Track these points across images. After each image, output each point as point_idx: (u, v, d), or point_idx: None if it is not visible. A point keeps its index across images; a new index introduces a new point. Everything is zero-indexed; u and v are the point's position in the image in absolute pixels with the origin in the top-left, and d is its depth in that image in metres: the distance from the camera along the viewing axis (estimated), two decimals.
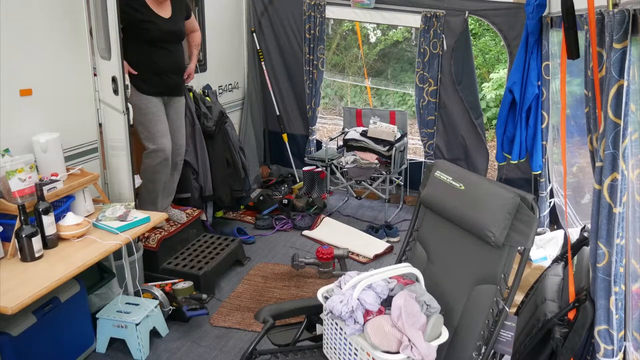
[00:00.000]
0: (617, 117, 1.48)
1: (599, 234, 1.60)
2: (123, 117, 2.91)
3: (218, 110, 3.90)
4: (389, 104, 8.57)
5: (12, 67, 2.49)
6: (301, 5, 4.69)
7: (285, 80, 5.08)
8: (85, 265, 2.24)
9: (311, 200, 4.63)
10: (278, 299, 3.22)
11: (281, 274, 3.53)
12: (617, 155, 1.50)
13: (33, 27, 2.59)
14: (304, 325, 2.05)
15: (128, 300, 2.77)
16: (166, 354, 2.70)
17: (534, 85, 3.28)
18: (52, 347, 2.41)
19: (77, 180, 2.64)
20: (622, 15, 1.41)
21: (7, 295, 1.96)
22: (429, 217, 2.08)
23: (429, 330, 1.67)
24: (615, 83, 1.46)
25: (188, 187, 3.76)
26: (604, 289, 1.62)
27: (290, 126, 5.20)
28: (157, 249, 3.21)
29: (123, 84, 2.84)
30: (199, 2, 4.10)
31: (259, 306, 3.12)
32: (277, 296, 3.27)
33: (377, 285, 1.73)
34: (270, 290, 3.32)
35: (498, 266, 1.75)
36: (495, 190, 1.77)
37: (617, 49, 1.44)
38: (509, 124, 3.54)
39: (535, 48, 3.21)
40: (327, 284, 1.92)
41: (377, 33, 8.61)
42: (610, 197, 1.54)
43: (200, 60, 4.17)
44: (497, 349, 1.73)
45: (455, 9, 4.20)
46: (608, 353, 1.64)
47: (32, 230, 2.22)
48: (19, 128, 2.55)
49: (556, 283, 2.05)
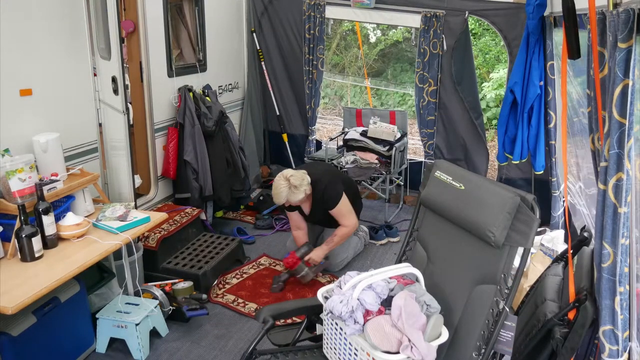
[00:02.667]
0: (622, 116, 1.47)
1: (604, 234, 1.59)
2: (123, 117, 2.91)
3: (218, 110, 3.90)
4: (389, 104, 8.57)
5: (12, 67, 2.49)
6: (301, 5, 4.69)
7: (285, 80, 5.08)
8: (85, 265, 2.24)
9: None
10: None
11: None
12: (622, 155, 1.50)
13: (33, 27, 2.59)
14: (304, 325, 2.05)
15: (128, 300, 2.77)
16: (166, 354, 2.70)
17: (535, 85, 3.27)
18: (52, 347, 2.41)
19: (77, 180, 2.64)
20: (627, 14, 1.41)
21: (7, 295, 1.96)
22: (429, 217, 2.08)
23: (429, 330, 1.67)
24: (620, 82, 1.46)
25: (188, 187, 3.76)
26: (608, 289, 1.62)
27: (290, 126, 5.20)
28: (157, 248, 3.21)
29: (123, 84, 2.84)
30: (199, 2, 4.10)
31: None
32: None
33: (377, 285, 1.73)
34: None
35: (498, 266, 1.75)
36: (495, 190, 1.77)
37: (622, 48, 1.44)
38: (510, 124, 3.53)
39: (537, 48, 3.21)
40: (328, 284, 1.92)
41: (377, 33, 8.61)
42: (615, 197, 1.54)
43: (200, 60, 4.18)
44: (497, 349, 1.73)
45: (455, 9, 4.19)
46: (613, 353, 1.64)
47: (32, 230, 2.22)
48: (19, 128, 2.56)
49: (556, 283, 2.05)
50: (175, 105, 3.80)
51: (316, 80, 4.82)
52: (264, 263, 3.69)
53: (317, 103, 5.00)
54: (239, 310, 3.09)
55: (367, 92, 8.40)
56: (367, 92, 8.39)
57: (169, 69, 3.75)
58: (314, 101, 4.93)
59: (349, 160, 4.38)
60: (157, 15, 3.56)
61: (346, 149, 4.57)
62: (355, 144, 4.51)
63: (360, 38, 7.60)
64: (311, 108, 4.95)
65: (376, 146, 4.39)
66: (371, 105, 7.84)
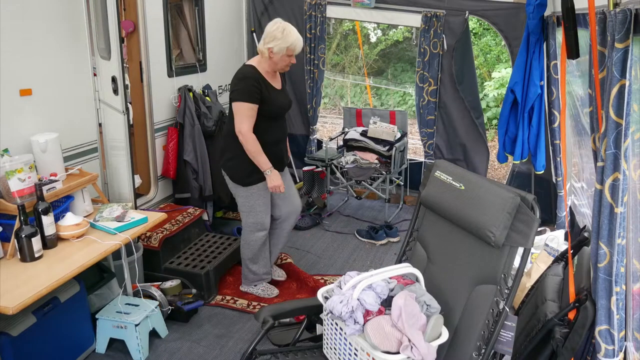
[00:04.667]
0: (619, 116, 1.47)
1: (600, 234, 1.59)
2: (123, 117, 2.91)
3: (218, 110, 3.90)
4: (389, 104, 8.57)
5: (12, 67, 2.49)
6: (302, 5, 4.69)
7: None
8: (85, 266, 2.24)
9: (311, 200, 4.63)
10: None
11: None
12: (618, 155, 1.50)
13: (33, 27, 2.59)
14: (304, 325, 2.05)
15: (128, 300, 2.77)
16: (166, 354, 2.70)
17: (536, 85, 3.27)
18: (51, 347, 2.41)
19: (76, 180, 2.64)
20: (624, 14, 1.41)
21: (7, 296, 1.96)
22: (429, 217, 2.07)
23: (429, 330, 1.67)
24: (617, 83, 1.46)
25: (188, 187, 3.76)
26: (605, 289, 1.62)
27: (291, 126, 5.19)
28: (159, 248, 3.21)
29: (123, 84, 2.84)
30: (199, 2, 4.10)
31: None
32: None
33: (377, 285, 1.73)
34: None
35: (498, 266, 1.75)
36: (495, 190, 1.77)
37: (619, 48, 1.43)
38: (511, 124, 3.53)
39: (537, 48, 3.20)
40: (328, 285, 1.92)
41: (377, 33, 8.61)
42: (612, 197, 1.54)
43: (200, 60, 4.18)
44: (497, 349, 1.73)
45: (455, 9, 4.19)
46: (609, 353, 1.64)
47: (32, 230, 2.22)
48: (19, 128, 2.55)
49: (556, 283, 2.05)
50: (175, 105, 3.80)
51: (317, 79, 4.82)
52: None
53: (318, 102, 5.00)
54: (236, 307, 3.09)
55: (367, 91, 8.40)
56: (367, 92, 8.39)
57: (169, 69, 3.75)
58: (315, 100, 4.93)
59: (349, 160, 4.38)
60: (157, 15, 3.56)
61: (346, 149, 4.57)
62: (355, 144, 4.50)
63: (361, 38, 7.60)
64: (312, 107, 4.95)
65: (376, 146, 4.39)
66: (371, 105, 7.84)
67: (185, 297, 2.92)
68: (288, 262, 3.57)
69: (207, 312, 3.07)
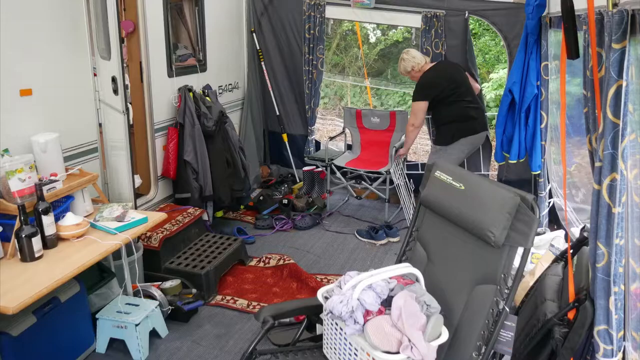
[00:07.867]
0: (616, 117, 1.48)
1: (598, 234, 1.60)
2: (123, 117, 2.91)
3: (218, 110, 3.90)
4: (389, 104, 8.57)
5: (12, 67, 2.49)
6: (301, 5, 4.69)
7: (285, 80, 5.08)
8: (85, 266, 2.24)
9: (311, 200, 4.63)
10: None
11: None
12: (616, 156, 1.50)
13: (33, 27, 2.59)
14: (304, 325, 2.05)
15: (128, 300, 2.77)
16: (166, 354, 2.70)
17: (533, 86, 3.28)
18: (52, 347, 2.41)
19: (76, 180, 2.64)
20: (621, 15, 1.41)
21: (7, 296, 1.96)
22: (429, 217, 2.08)
23: (429, 330, 1.67)
24: (614, 83, 1.46)
25: (188, 187, 3.76)
26: (603, 289, 1.62)
27: (290, 126, 5.20)
28: (160, 248, 3.21)
29: (123, 84, 2.85)
30: (198, 2, 4.10)
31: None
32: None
33: (377, 285, 1.73)
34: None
35: (498, 266, 1.75)
36: (495, 190, 1.77)
37: (616, 49, 1.44)
38: (508, 124, 3.54)
39: (535, 48, 3.21)
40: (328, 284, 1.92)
41: (377, 33, 8.61)
42: (610, 197, 1.54)
43: (200, 60, 4.18)
44: (497, 349, 1.73)
45: (455, 9, 4.19)
46: (607, 353, 1.64)
47: (32, 230, 2.22)
48: (19, 128, 2.56)
49: (556, 283, 2.05)
50: (175, 105, 3.80)
51: (316, 80, 4.83)
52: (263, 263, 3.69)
53: (317, 103, 5.00)
54: (236, 307, 3.09)
55: (367, 92, 8.39)
56: (367, 92, 8.39)
57: (169, 69, 3.75)
58: (314, 101, 4.93)
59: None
60: (157, 15, 3.56)
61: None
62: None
63: (360, 38, 7.60)
64: (311, 108, 4.96)
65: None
66: (371, 105, 7.83)
67: (185, 297, 2.92)
68: (290, 262, 3.58)
69: (207, 312, 3.08)
